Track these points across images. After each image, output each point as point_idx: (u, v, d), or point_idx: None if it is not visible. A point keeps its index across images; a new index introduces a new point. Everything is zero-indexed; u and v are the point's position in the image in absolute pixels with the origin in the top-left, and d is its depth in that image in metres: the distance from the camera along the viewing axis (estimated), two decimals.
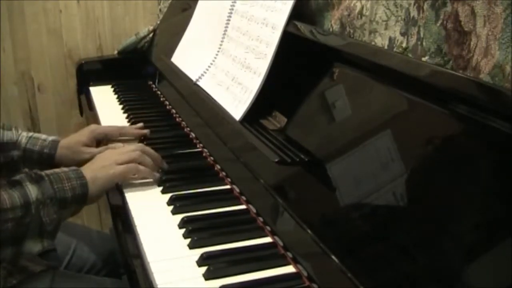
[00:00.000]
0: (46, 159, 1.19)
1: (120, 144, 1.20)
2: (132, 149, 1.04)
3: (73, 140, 1.21)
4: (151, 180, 1.03)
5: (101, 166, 0.99)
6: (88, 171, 0.97)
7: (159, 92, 1.62)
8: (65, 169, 0.95)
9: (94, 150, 1.19)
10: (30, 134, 1.22)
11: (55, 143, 1.20)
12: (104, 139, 1.25)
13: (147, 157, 1.04)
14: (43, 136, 1.22)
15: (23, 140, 1.20)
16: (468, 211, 0.63)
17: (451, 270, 0.61)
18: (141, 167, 1.01)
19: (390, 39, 0.96)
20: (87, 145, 1.21)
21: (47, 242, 0.90)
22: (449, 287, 0.61)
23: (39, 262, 1.03)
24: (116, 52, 1.88)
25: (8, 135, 1.18)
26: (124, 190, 1.01)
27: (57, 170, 0.94)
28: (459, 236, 0.62)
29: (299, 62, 1.08)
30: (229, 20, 1.31)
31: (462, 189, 0.64)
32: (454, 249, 0.62)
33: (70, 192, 0.92)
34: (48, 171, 0.93)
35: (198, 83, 1.33)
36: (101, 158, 1.03)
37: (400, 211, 0.71)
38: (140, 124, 1.29)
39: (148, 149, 1.07)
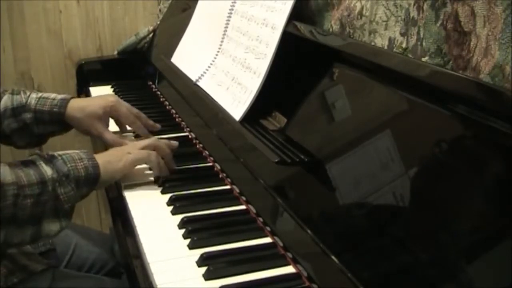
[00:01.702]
0: (57, 118, 1.20)
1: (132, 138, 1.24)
2: (145, 145, 1.05)
3: (89, 109, 1.20)
4: (151, 179, 1.04)
5: (116, 155, 1.00)
6: (101, 158, 0.97)
7: (159, 93, 1.62)
8: (76, 151, 0.96)
9: (104, 133, 1.20)
10: (40, 94, 1.23)
11: (64, 101, 1.20)
12: (117, 119, 1.27)
13: (160, 143, 1.05)
14: (52, 95, 1.22)
15: (33, 102, 1.20)
16: (469, 212, 0.63)
17: (452, 270, 0.61)
18: (153, 156, 1.02)
19: (390, 39, 0.96)
20: (101, 119, 1.21)
21: (64, 222, 0.89)
22: (450, 286, 0.61)
23: (39, 261, 1.03)
24: (116, 52, 1.88)
25: (17, 99, 1.20)
26: (124, 191, 1.01)
27: (68, 151, 0.95)
28: (460, 237, 0.62)
29: (299, 62, 1.08)
30: (229, 20, 1.31)
31: (463, 190, 0.64)
32: (455, 249, 0.62)
33: (83, 171, 0.92)
34: (60, 152, 0.93)
35: (198, 83, 1.33)
36: (114, 150, 1.05)
37: (400, 211, 0.72)
38: (152, 123, 1.29)
39: (161, 145, 1.07)
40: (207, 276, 0.76)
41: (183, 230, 0.87)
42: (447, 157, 0.68)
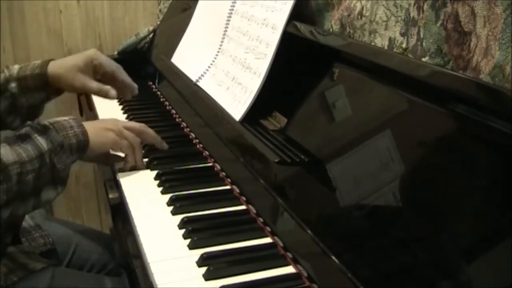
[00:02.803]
0: (40, 80, 1.18)
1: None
2: (136, 127, 1.08)
3: (70, 63, 1.19)
4: (148, 177, 1.05)
5: (105, 129, 1.03)
6: (91, 127, 1.00)
7: (159, 93, 1.62)
8: (65, 117, 0.99)
9: (88, 82, 1.18)
10: (21, 65, 1.22)
11: (44, 63, 1.19)
12: (100, 70, 1.22)
13: (147, 138, 1.10)
14: (33, 62, 1.22)
15: (15, 72, 1.20)
16: (468, 212, 0.63)
17: (452, 270, 0.61)
18: (137, 152, 1.06)
19: (390, 39, 0.96)
20: (83, 71, 1.18)
21: (60, 188, 0.94)
22: (450, 286, 0.61)
23: (39, 259, 1.03)
24: (116, 52, 1.87)
25: (2, 76, 1.19)
26: (124, 190, 1.01)
27: (58, 119, 0.98)
28: (460, 236, 0.62)
29: (299, 62, 1.08)
30: (229, 20, 1.31)
31: (462, 190, 0.64)
32: (455, 249, 0.62)
33: (74, 138, 0.96)
34: (51, 120, 0.96)
35: (198, 83, 1.33)
36: (105, 122, 1.07)
37: (400, 211, 0.72)
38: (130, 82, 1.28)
39: (148, 131, 1.10)
40: (207, 276, 0.76)
41: (183, 230, 0.87)
42: (447, 157, 0.68)
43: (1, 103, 1.18)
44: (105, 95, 1.19)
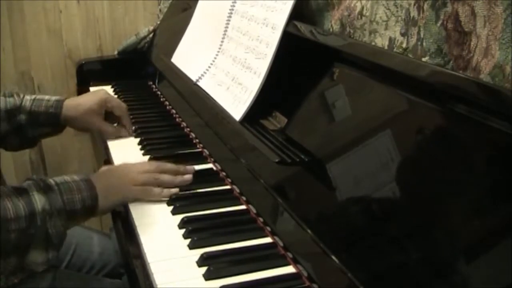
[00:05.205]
0: (52, 119, 1.22)
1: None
2: (151, 170, 0.99)
3: (85, 106, 1.23)
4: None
5: (116, 185, 0.96)
6: (101, 185, 0.93)
7: (159, 92, 1.62)
8: (76, 177, 0.91)
9: (104, 126, 1.24)
10: (33, 96, 1.24)
11: (59, 102, 1.23)
12: (109, 111, 1.28)
13: (165, 177, 0.99)
14: (47, 97, 1.24)
15: (27, 104, 1.22)
16: (469, 211, 0.63)
17: (453, 270, 0.61)
18: (155, 191, 0.96)
19: (390, 39, 0.96)
20: (97, 113, 1.24)
21: (52, 254, 0.87)
22: (451, 286, 0.61)
23: None
24: (116, 52, 1.88)
25: (11, 102, 1.21)
26: None
27: (67, 178, 0.90)
28: (461, 237, 0.62)
29: (299, 62, 1.08)
30: (229, 20, 1.31)
31: (463, 189, 0.64)
32: (456, 250, 0.62)
33: (79, 203, 0.89)
34: (58, 179, 0.89)
35: (198, 83, 1.33)
36: (117, 175, 0.98)
37: (401, 211, 0.71)
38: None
39: (166, 166, 1.01)
40: (207, 276, 0.76)
41: (183, 230, 0.87)
42: (447, 157, 0.68)
43: (5, 126, 1.20)
44: (117, 136, 1.26)
